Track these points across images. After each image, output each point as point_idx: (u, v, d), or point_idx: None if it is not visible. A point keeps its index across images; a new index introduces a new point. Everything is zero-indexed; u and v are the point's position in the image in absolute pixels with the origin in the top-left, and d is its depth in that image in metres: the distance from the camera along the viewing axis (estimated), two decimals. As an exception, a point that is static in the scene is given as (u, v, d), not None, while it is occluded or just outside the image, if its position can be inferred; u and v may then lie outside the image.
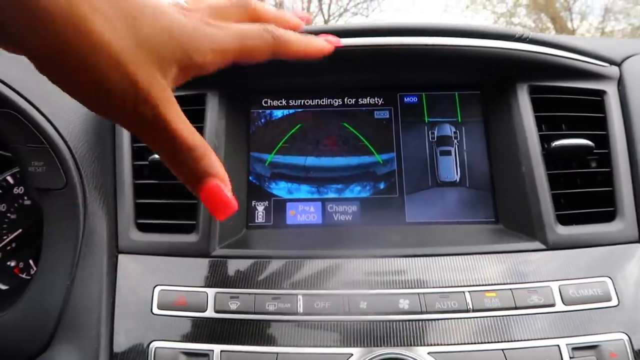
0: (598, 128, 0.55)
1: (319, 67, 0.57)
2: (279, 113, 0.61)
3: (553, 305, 0.45)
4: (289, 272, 0.48)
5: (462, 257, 0.49)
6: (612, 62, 0.58)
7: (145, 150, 0.54)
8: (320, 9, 7.70)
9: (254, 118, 0.61)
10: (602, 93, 0.56)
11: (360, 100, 0.61)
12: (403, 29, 0.53)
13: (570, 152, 0.53)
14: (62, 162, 0.50)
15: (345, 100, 0.61)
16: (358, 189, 0.59)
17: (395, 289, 0.46)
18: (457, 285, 0.46)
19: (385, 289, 0.46)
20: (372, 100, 0.61)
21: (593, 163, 0.55)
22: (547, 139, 0.54)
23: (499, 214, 0.56)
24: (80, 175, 0.51)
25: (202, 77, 0.56)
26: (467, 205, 0.57)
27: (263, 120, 0.61)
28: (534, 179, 0.51)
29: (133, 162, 0.54)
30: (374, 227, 0.57)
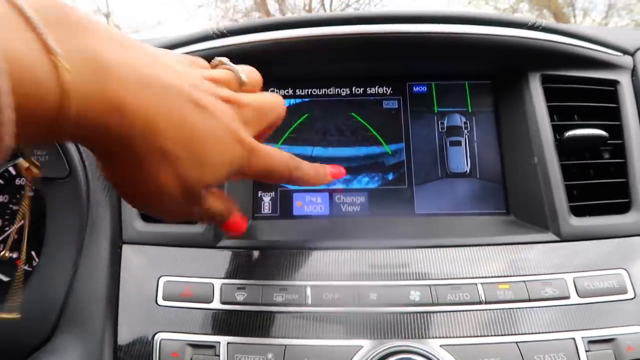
0: (611, 118, 0.54)
1: (327, 55, 0.56)
2: (286, 103, 0.60)
3: (568, 298, 0.43)
4: (297, 263, 0.47)
5: (473, 248, 0.47)
6: (625, 51, 0.57)
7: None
8: (322, 4, 7.67)
9: (261, 108, 0.60)
10: (615, 83, 0.55)
11: (369, 90, 0.60)
12: (412, 16, 0.52)
13: (584, 142, 0.52)
14: (64, 151, 0.49)
15: (354, 90, 0.60)
16: (366, 180, 0.58)
17: (406, 281, 0.45)
18: (468, 277, 0.45)
19: (395, 281, 0.45)
20: (380, 90, 0.60)
21: (606, 154, 0.54)
22: (559, 129, 0.52)
23: (510, 205, 0.55)
24: (84, 165, 0.50)
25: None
26: (477, 197, 0.56)
27: (269, 110, 0.60)
28: (547, 170, 0.50)
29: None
30: (383, 218, 0.56)
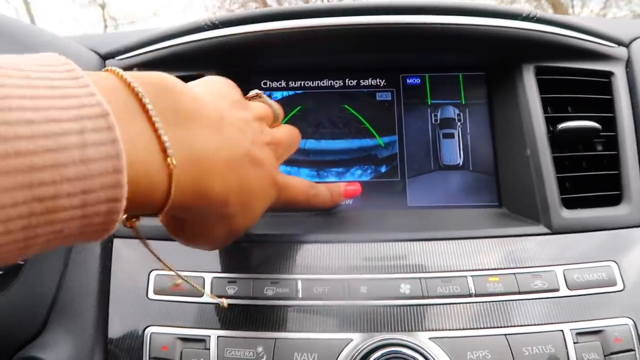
0: (605, 110, 0.53)
1: (320, 47, 0.56)
2: (279, 95, 0.59)
3: (557, 290, 0.44)
4: (288, 256, 0.47)
5: (464, 241, 0.47)
6: (620, 42, 0.56)
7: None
8: (320, -5, 7.61)
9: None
10: (609, 74, 0.55)
11: (362, 82, 0.60)
12: (406, 7, 0.51)
13: (577, 134, 0.51)
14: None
15: (346, 82, 0.60)
16: (359, 173, 0.57)
17: (396, 274, 0.45)
18: (459, 270, 0.45)
19: (386, 274, 0.45)
20: (373, 82, 0.60)
21: (599, 146, 0.54)
22: (552, 121, 0.52)
23: (503, 198, 0.55)
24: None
25: (200, 57, 0.54)
26: (470, 189, 0.56)
27: (261, 102, 0.59)
28: (539, 162, 0.50)
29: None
30: (375, 211, 0.56)
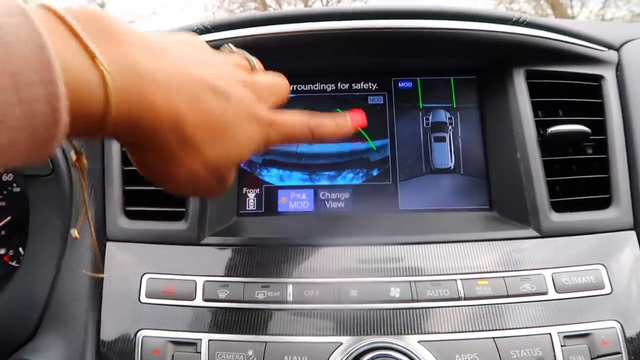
0: (595, 114, 0.54)
1: (312, 51, 0.56)
2: (271, 98, 0.60)
3: (545, 294, 0.44)
4: (280, 260, 0.47)
5: (454, 244, 0.48)
6: (610, 46, 0.57)
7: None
8: (319, -5, 7.61)
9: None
10: (599, 78, 0.55)
11: (354, 86, 0.60)
12: (398, 12, 0.52)
13: (567, 138, 0.52)
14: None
15: (339, 86, 0.60)
16: (351, 176, 0.58)
17: (387, 277, 0.46)
18: (449, 273, 0.46)
19: (377, 277, 0.46)
20: (365, 86, 0.60)
21: (589, 149, 0.54)
22: (543, 125, 0.53)
23: (493, 201, 0.56)
24: (67, 162, 0.50)
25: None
26: (461, 193, 0.56)
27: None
28: (529, 166, 0.50)
29: (122, 148, 0.53)
30: (367, 214, 0.56)
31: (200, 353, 0.42)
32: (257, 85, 0.38)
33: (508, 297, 0.44)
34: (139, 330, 0.44)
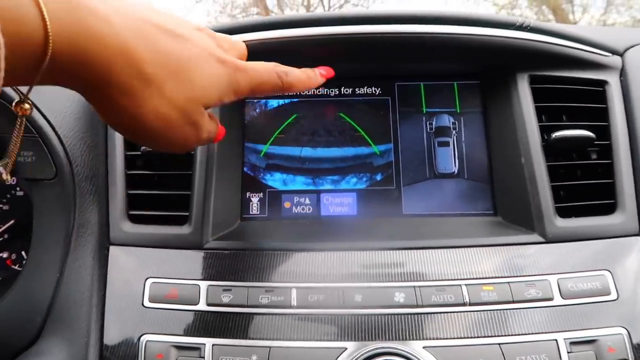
0: (599, 119, 0.54)
1: (315, 55, 0.56)
2: (274, 103, 0.60)
3: (551, 299, 0.44)
4: (283, 264, 0.47)
5: (459, 249, 0.48)
6: (614, 51, 0.57)
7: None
8: (321, 0, 7.64)
9: (249, 108, 0.60)
10: (603, 83, 0.55)
11: (357, 90, 0.60)
12: (401, 17, 0.52)
13: (571, 143, 0.52)
14: (51, 152, 0.49)
15: (342, 90, 0.60)
16: (354, 181, 0.58)
17: (391, 282, 0.45)
18: (453, 279, 0.45)
19: (381, 282, 0.45)
20: (369, 90, 0.60)
21: (594, 155, 0.54)
22: (547, 130, 0.53)
23: (498, 206, 0.55)
24: (71, 166, 0.50)
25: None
26: (465, 197, 0.56)
27: (258, 110, 0.60)
28: (534, 171, 0.50)
29: (125, 152, 0.53)
30: (370, 219, 0.56)
31: (204, 358, 0.42)
32: (214, 35, 0.38)
33: (513, 302, 0.44)
34: (143, 335, 0.44)
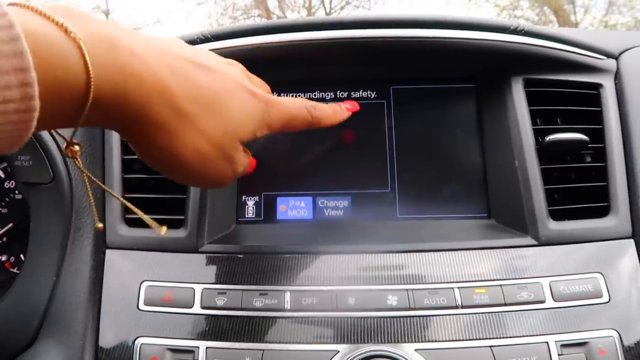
0: (594, 122, 0.54)
1: (312, 59, 0.56)
2: (270, 106, 0.60)
3: (543, 302, 0.44)
4: (278, 268, 0.48)
5: (452, 252, 0.48)
6: (609, 54, 0.57)
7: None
8: (322, 2, 7.65)
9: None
10: (598, 86, 0.55)
11: (353, 94, 0.61)
12: (396, 21, 0.52)
13: (565, 146, 0.52)
14: (48, 156, 0.49)
15: (338, 94, 0.61)
16: (349, 184, 0.58)
17: (384, 285, 0.46)
18: (446, 282, 0.46)
19: (374, 285, 0.46)
20: (365, 94, 0.60)
21: (588, 157, 0.54)
22: (541, 133, 0.53)
23: (492, 209, 0.56)
24: (68, 170, 0.50)
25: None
26: (459, 200, 0.56)
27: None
28: (527, 174, 0.50)
29: (122, 156, 0.53)
30: (365, 222, 0.56)
31: (198, 360, 0.42)
32: (245, 69, 0.38)
33: (505, 305, 0.44)
34: (137, 338, 0.44)
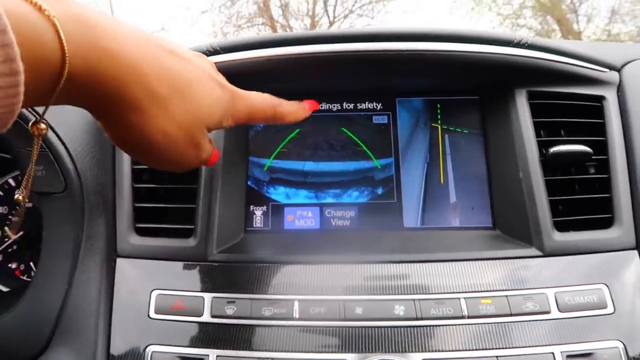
0: (597, 134, 0.54)
1: (318, 72, 0.57)
2: (278, 118, 0.61)
3: (548, 312, 0.44)
4: (286, 277, 0.48)
5: (458, 263, 0.48)
6: (611, 67, 0.58)
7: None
8: (326, 11, 7.71)
9: (253, 123, 0.61)
10: (601, 99, 0.56)
11: (359, 105, 0.62)
12: (401, 35, 0.53)
13: (569, 158, 0.53)
14: (61, 166, 0.50)
15: (344, 105, 0.62)
16: (356, 194, 0.59)
17: (391, 295, 0.46)
18: (452, 292, 0.46)
19: (381, 295, 0.46)
20: (370, 105, 0.61)
21: (591, 169, 0.55)
22: (545, 145, 0.53)
23: (496, 220, 0.56)
24: (80, 180, 0.51)
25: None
26: (464, 211, 0.57)
27: (262, 125, 0.61)
28: (531, 185, 0.51)
29: (132, 166, 0.54)
30: (372, 232, 0.57)
31: (208, 369, 0.43)
32: (212, 62, 0.40)
33: (511, 315, 0.44)
34: (148, 346, 0.45)
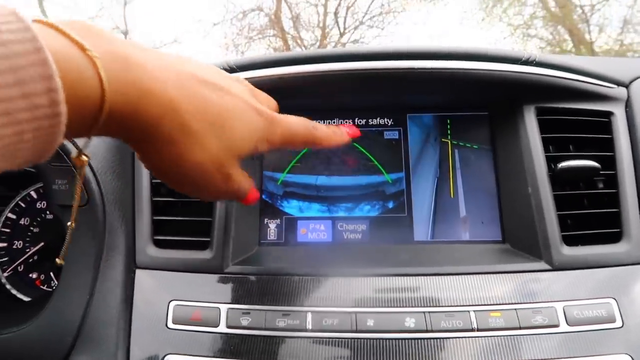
0: (605, 149, 0.55)
1: (331, 89, 0.59)
2: (291, 133, 0.63)
3: (557, 326, 0.45)
4: (299, 289, 0.49)
5: (468, 276, 0.49)
6: (619, 83, 0.58)
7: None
8: (336, 22, 7.75)
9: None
10: (609, 114, 0.57)
11: (371, 121, 0.63)
12: (413, 53, 0.55)
13: (577, 173, 0.53)
14: (84, 180, 0.52)
15: (356, 121, 0.63)
16: (367, 208, 0.60)
17: (402, 308, 0.47)
18: (462, 305, 0.47)
19: (392, 307, 0.47)
20: (381, 121, 0.63)
21: (600, 184, 0.56)
22: (554, 160, 0.54)
23: (506, 234, 0.57)
24: (101, 193, 0.53)
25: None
26: (474, 225, 0.58)
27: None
28: (540, 200, 0.52)
29: (151, 179, 0.56)
30: (383, 245, 0.58)
31: (224, 378, 0.44)
32: (251, 87, 0.40)
33: (520, 329, 0.45)
34: (166, 355, 0.46)
